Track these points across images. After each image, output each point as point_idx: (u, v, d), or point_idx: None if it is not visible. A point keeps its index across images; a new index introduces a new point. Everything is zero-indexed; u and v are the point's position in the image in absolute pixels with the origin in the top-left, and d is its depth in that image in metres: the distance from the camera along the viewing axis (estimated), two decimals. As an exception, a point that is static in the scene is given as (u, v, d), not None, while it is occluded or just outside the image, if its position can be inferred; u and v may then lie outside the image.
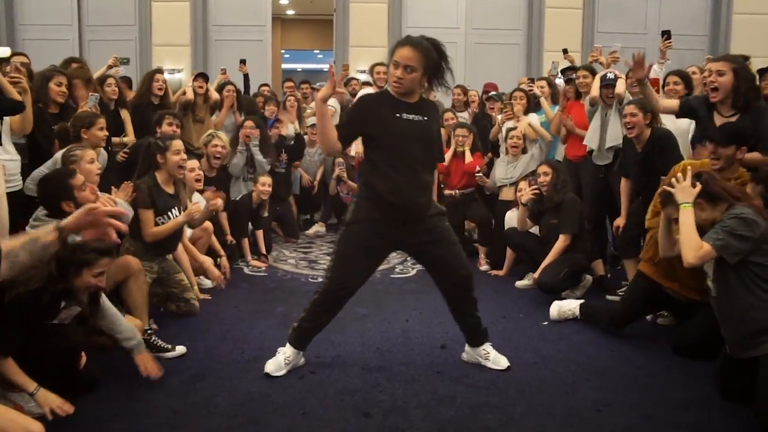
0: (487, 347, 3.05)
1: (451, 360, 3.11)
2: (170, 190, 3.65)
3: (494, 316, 3.77)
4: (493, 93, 6.27)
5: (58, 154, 3.37)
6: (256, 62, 9.25)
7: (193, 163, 4.31)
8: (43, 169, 3.40)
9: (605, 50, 5.64)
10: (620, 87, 4.38)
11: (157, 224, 3.52)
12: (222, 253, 4.28)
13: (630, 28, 9.69)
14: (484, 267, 4.98)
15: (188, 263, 4.08)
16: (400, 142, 2.69)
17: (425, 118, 2.74)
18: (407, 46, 2.63)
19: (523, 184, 4.61)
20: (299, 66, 17.04)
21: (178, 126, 4.73)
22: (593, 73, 4.87)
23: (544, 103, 5.40)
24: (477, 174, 5.09)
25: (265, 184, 5.09)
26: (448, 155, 5.16)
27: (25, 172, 3.55)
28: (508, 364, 3.00)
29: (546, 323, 3.69)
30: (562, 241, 4.17)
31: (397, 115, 2.69)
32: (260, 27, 9.86)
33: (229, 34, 9.75)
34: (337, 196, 6.47)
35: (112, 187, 3.47)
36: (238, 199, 5.23)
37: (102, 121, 3.69)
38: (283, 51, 16.10)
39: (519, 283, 4.49)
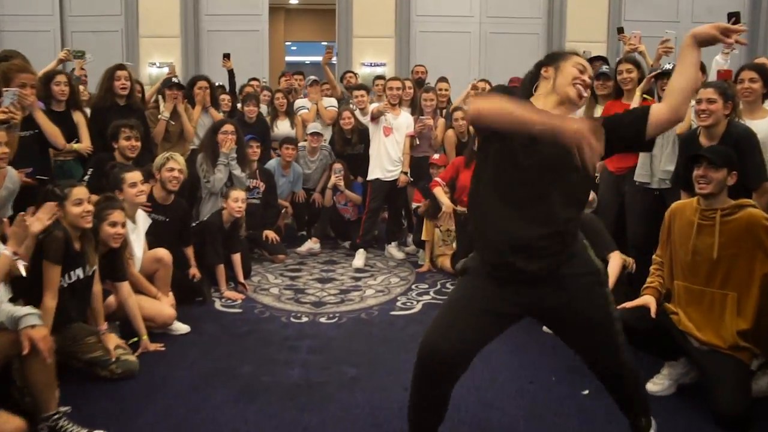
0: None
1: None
2: (77, 245, 2.89)
3: (518, 382, 2.93)
4: None
5: None
6: (252, 55, 8.62)
7: (136, 176, 3.56)
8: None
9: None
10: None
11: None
12: (143, 332, 3.27)
13: (661, 16, 8.93)
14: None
15: (137, 308, 3.27)
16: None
17: None
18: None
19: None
20: (307, 59, 16.13)
21: (137, 139, 4.01)
22: (638, 66, 3.99)
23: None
24: None
25: (237, 199, 4.27)
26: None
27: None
28: None
29: (587, 392, 2.85)
30: (617, 265, 3.36)
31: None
32: (256, 16, 9.18)
33: (223, 24, 9.11)
34: (333, 207, 5.65)
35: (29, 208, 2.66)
36: (205, 219, 4.43)
37: (2, 135, 2.85)
38: (288, 43, 15.27)
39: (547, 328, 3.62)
